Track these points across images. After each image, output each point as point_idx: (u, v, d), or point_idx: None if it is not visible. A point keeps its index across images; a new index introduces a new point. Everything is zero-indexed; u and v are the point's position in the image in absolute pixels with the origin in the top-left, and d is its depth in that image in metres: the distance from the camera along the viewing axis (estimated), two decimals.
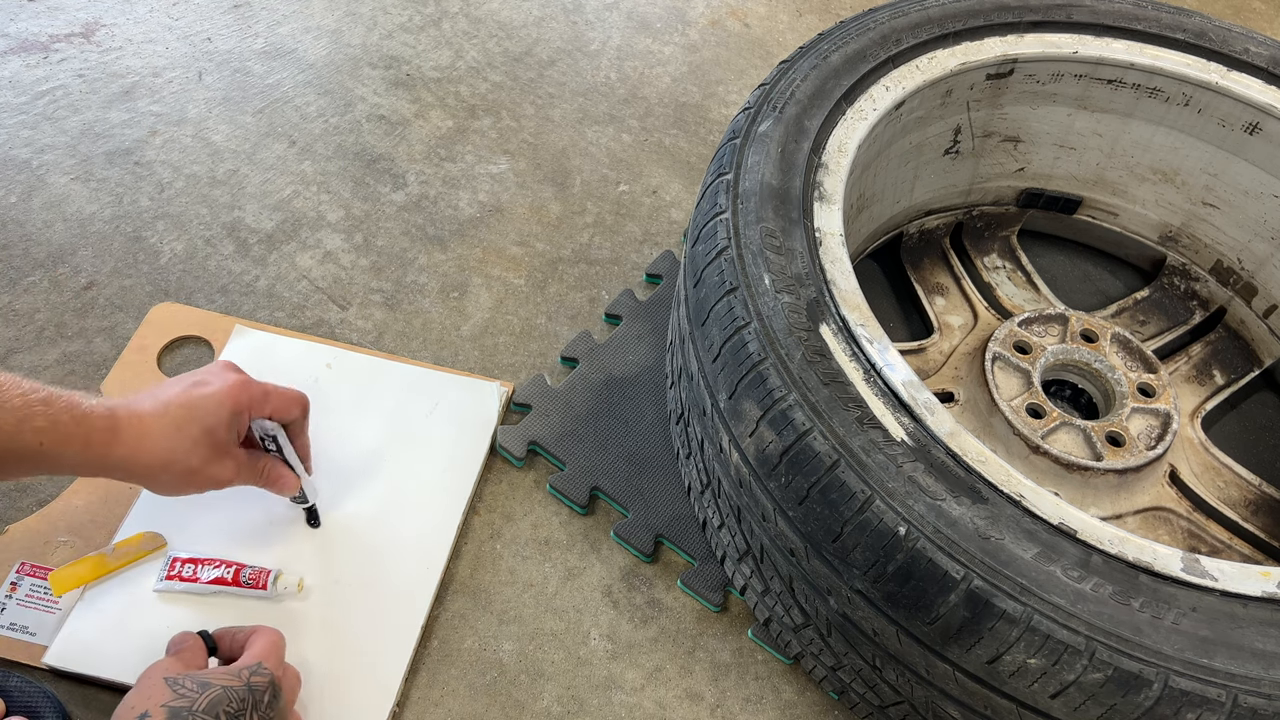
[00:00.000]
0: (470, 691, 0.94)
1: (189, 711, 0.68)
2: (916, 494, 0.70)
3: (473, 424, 1.10)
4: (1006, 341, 1.11)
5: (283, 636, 0.82)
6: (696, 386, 0.87)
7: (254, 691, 0.73)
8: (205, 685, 0.71)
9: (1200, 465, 1.12)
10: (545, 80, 1.56)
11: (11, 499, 1.00)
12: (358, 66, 1.52)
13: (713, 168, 0.94)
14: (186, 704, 0.69)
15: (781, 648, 0.97)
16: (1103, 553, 0.70)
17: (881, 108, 1.00)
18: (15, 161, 1.30)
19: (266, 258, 1.25)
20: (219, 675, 0.73)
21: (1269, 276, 1.20)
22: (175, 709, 0.68)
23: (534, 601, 1.01)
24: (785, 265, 0.83)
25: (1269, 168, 1.14)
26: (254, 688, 0.73)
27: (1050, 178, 1.29)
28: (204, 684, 0.71)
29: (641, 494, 1.05)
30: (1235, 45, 1.12)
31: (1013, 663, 0.67)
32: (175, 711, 0.68)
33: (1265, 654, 0.66)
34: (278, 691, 0.75)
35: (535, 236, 1.33)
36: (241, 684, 0.73)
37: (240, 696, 0.72)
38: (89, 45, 1.46)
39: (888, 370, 0.78)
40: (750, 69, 1.64)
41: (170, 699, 0.69)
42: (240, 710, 0.71)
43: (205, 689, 0.70)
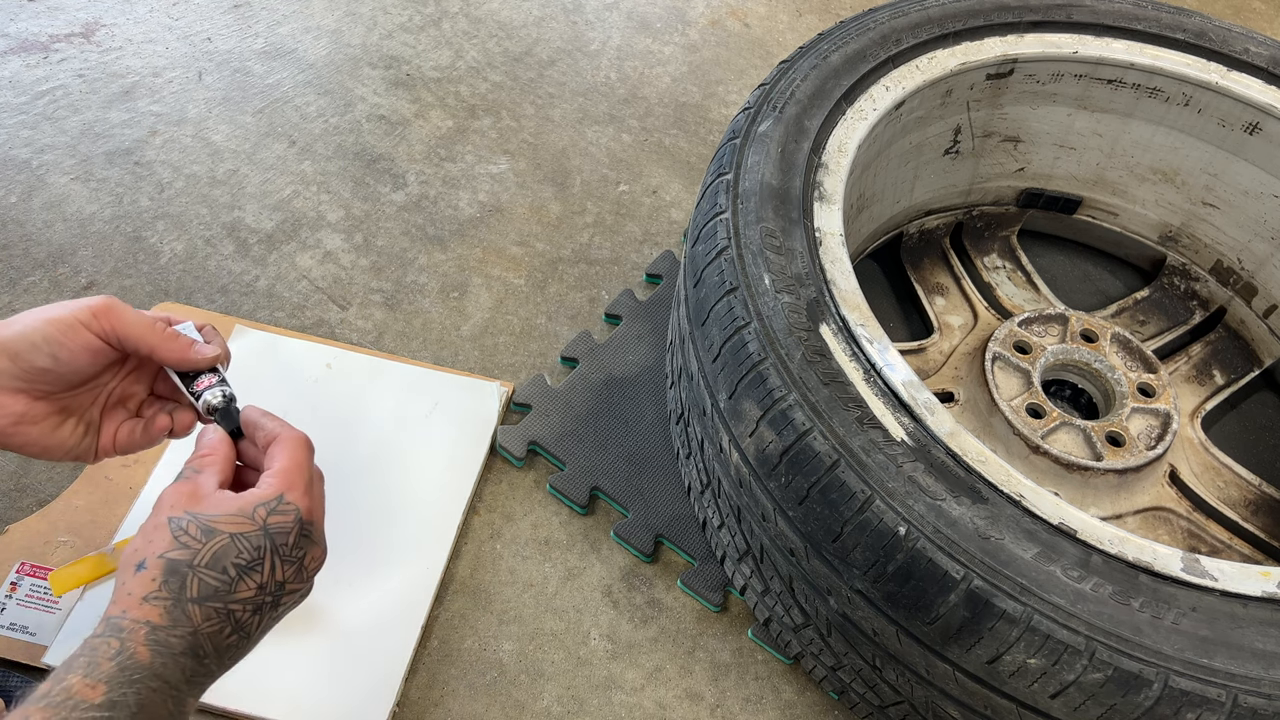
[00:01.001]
0: (470, 691, 0.94)
1: (189, 565, 0.58)
2: (916, 494, 0.70)
3: (473, 424, 1.10)
4: (1006, 341, 1.10)
5: (309, 445, 0.69)
6: (696, 386, 0.87)
7: (273, 537, 0.61)
8: (211, 533, 0.60)
9: (1200, 465, 1.12)
10: (545, 80, 1.56)
11: (11, 499, 1.00)
12: (358, 66, 1.52)
13: (713, 168, 0.94)
14: (188, 556, 0.58)
15: (781, 648, 0.97)
16: (1103, 553, 0.70)
17: (881, 108, 1.00)
18: (15, 161, 1.30)
19: (266, 258, 1.25)
20: (229, 518, 0.60)
21: (1269, 276, 1.20)
22: (174, 561, 0.58)
23: (534, 601, 1.01)
24: (785, 265, 0.83)
25: (1269, 168, 1.14)
26: (273, 531, 0.61)
27: (1050, 178, 1.29)
28: (209, 530, 0.60)
29: (641, 494, 1.05)
30: (1235, 45, 1.12)
31: (1013, 663, 0.67)
32: (173, 565, 0.58)
33: (1265, 654, 0.66)
34: (307, 528, 0.64)
35: (535, 236, 1.33)
36: (256, 529, 0.61)
37: (254, 545, 0.60)
38: (89, 45, 1.46)
39: (888, 370, 0.78)
40: (750, 69, 1.64)
41: (169, 548, 0.59)
42: (255, 561, 0.60)
43: (210, 536, 0.59)
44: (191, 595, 0.58)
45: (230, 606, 0.59)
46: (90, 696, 0.52)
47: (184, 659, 0.57)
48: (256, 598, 0.61)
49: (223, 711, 0.89)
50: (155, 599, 0.57)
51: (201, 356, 0.71)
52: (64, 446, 0.70)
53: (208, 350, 0.71)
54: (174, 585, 0.58)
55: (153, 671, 0.55)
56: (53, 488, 1.01)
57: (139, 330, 0.67)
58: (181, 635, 0.57)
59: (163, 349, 0.69)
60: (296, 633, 0.93)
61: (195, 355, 0.70)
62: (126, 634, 0.55)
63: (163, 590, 0.57)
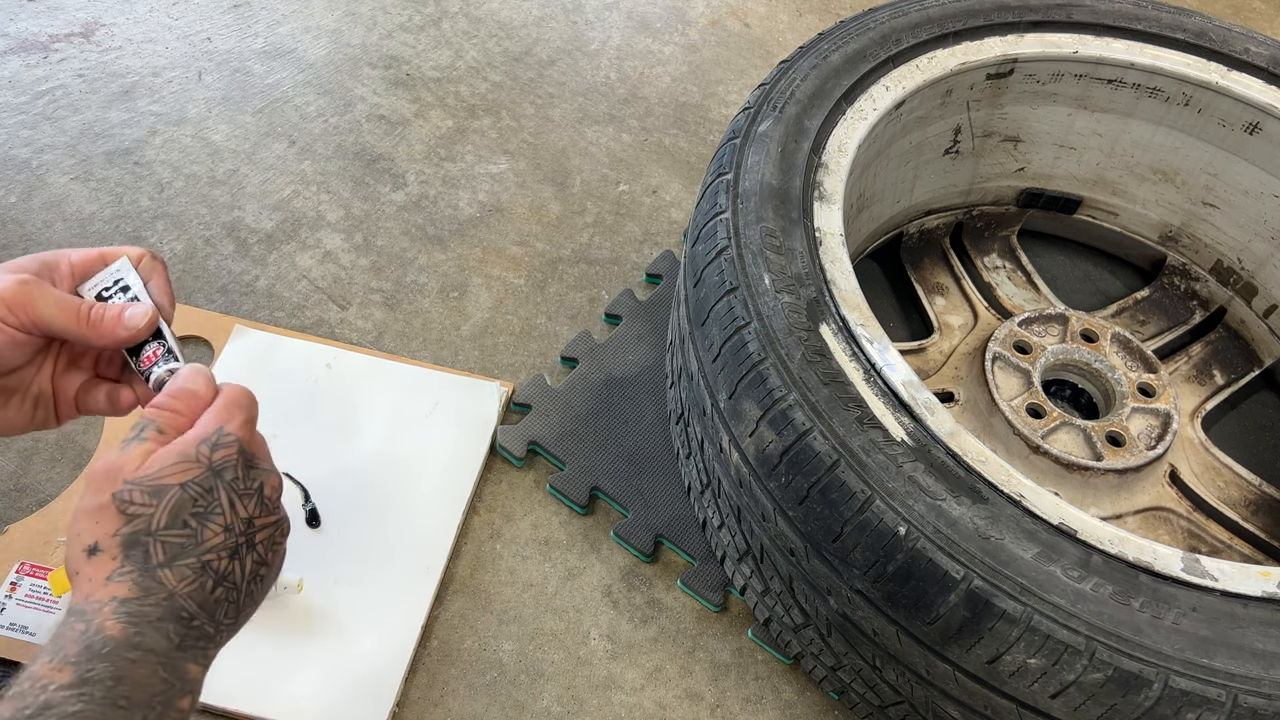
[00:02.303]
0: (470, 691, 0.94)
1: (148, 534, 0.54)
2: (916, 494, 0.70)
3: (473, 424, 1.10)
4: (1006, 341, 1.10)
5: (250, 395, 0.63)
6: (696, 386, 0.87)
7: (221, 473, 0.57)
8: (159, 492, 0.55)
9: (1200, 465, 1.12)
10: (545, 80, 1.56)
11: (11, 499, 1.00)
12: (357, 66, 1.52)
13: (713, 168, 0.94)
14: (143, 525, 0.54)
15: (781, 648, 0.96)
16: (1103, 553, 0.70)
17: (881, 107, 1.00)
18: (15, 161, 1.30)
19: (266, 258, 1.25)
20: (173, 468, 0.56)
21: (1269, 276, 1.20)
22: (131, 535, 0.54)
23: (534, 601, 1.01)
24: (785, 265, 0.83)
25: (1269, 167, 1.14)
26: (220, 467, 0.57)
27: (1050, 178, 1.29)
28: (157, 490, 0.55)
29: (641, 494, 1.05)
30: (1235, 45, 1.12)
31: (1013, 663, 0.67)
32: (131, 539, 0.54)
33: (1265, 654, 0.66)
34: (251, 457, 0.60)
35: (535, 236, 1.33)
36: (203, 470, 0.57)
37: (205, 486, 0.56)
38: (89, 45, 1.46)
39: (888, 370, 0.78)
40: (750, 69, 1.64)
41: (122, 524, 0.55)
42: (210, 506, 0.56)
43: (160, 496, 0.55)
44: (159, 561, 0.54)
45: (204, 559, 0.56)
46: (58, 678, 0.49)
47: (165, 624, 0.53)
48: (227, 541, 0.57)
49: (222, 711, 0.89)
50: (120, 575, 0.54)
51: (134, 329, 0.63)
52: (15, 425, 0.66)
53: (138, 320, 0.63)
54: (137, 557, 0.54)
55: (128, 644, 0.52)
56: (52, 488, 1.01)
57: (61, 321, 0.61)
58: (156, 603, 0.54)
59: (90, 336, 0.63)
60: (296, 633, 0.93)
61: (126, 332, 0.63)
62: (91, 614, 0.52)
63: (126, 565, 0.54)
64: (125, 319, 0.63)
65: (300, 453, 1.04)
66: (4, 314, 0.60)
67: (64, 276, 0.65)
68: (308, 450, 1.05)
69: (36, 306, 0.61)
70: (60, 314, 0.61)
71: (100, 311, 0.63)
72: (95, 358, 0.69)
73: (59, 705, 0.48)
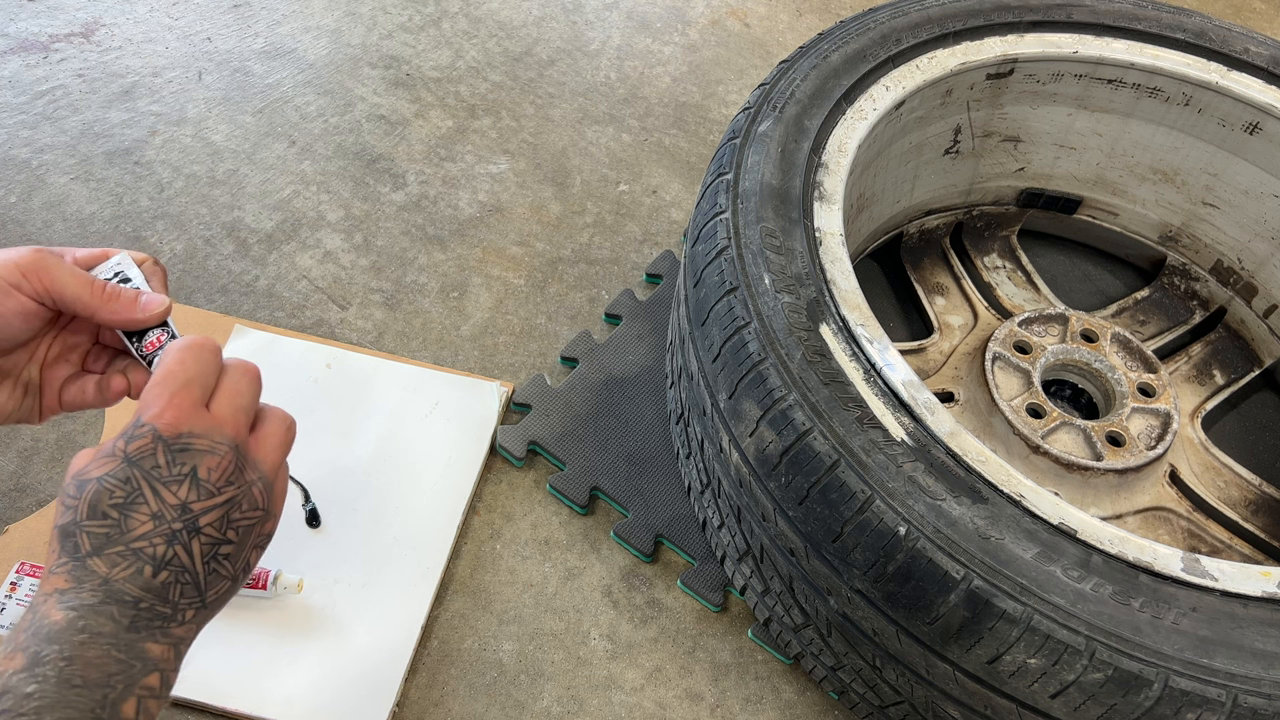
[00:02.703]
0: (470, 691, 0.94)
1: (75, 525, 0.55)
2: (916, 494, 0.70)
3: (473, 424, 1.10)
4: (1006, 341, 1.10)
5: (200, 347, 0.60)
6: (696, 386, 0.87)
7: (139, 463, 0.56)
8: (82, 484, 0.56)
9: (1200, 465, 1.12)
10: (545, 80, 1.56)
11: (11, 499, 1.00)
12: (357, 66, 1.52)
13: (713, 168, 0.94)
14: (72, 516, 0.55)
15: (781, 648, 0.96)
16: (1103, 553, 0.70)
17: (881, 107, 1.00)
18: (15, 161, 1.30)
19: (266, 258, 1.25)
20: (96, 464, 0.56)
21: (1269, 276, 1.20)
22: (63, 527, 0.56)
23: (534, 601, 1.01)
24: (785, 265, 0.83)
25: (1269, 167, 1.14)
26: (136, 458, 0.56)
27: (1050, 178, 1.29)
28: (81, 483, 0.56)
29: (641, 494, 1.05)
30: (1235, 45, 1.12)
31: (1013, 663, 0.67)
32: (64, 530, 0.55)
33: (1265, 654, 0.66)
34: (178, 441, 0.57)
35: (535, 236, 1.33)
36: (118, 462, 0.56)
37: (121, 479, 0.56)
38: (89, 45, 1.46)
39: (888, 370, 0.78)
40: (750, 69, 1.64)
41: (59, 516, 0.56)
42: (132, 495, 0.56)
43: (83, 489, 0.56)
44: (86, 550, 0.55)
45: (133, 546, 0.55)
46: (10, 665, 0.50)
47: (107, 607, 0.54)
48: (157, 528, 0.56)
49: (222, 711, 0.89)
50: (58, 568, 0.55)
51: (149, 314, 0.63)
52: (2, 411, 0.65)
53: (155, 305, 0.63)
54: (69, 548, 0.55)
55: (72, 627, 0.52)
56: (52, 487, 1.01)
57: (75, 290, 0.61)
58: (93, 589, 0.54)
59: (104, 311, 0.62)
60: (296, 633, 0.93)
61: (142, 314, 0.63)
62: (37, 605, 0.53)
63: (61, 556, 0.55)
64: (142, 303, 0.63)
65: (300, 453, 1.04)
66: (19, 280, 0.59)
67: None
68: (308, 450, 1.05)
69: (53, 274, 0.60)
70: (75, 284, 0.60)
71: (116, 289, 0.62)
72: (85, 352, 0.68)
73: (15, 688, 0.49)
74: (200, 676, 0.89)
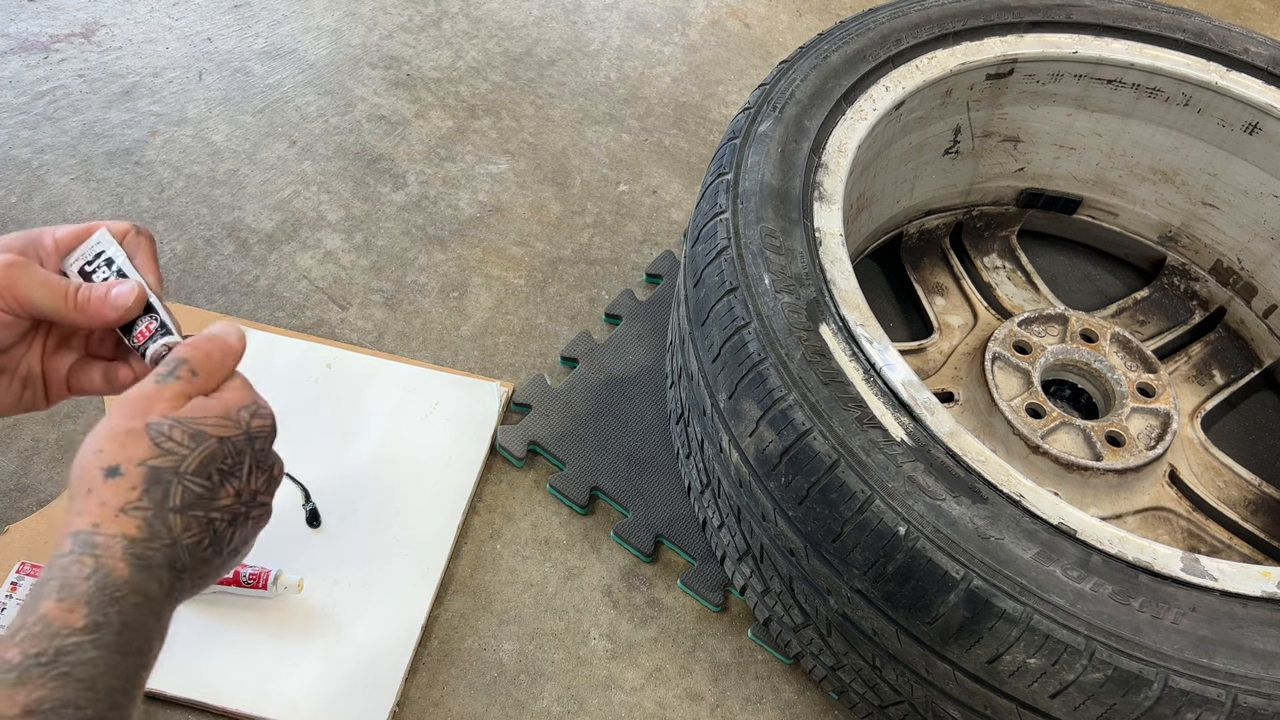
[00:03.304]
0: (470, 691, 0.94)
1: (174, 473, 0.54)
2: (916, 494, 0.71)
3: (473, 424, 1.10)
4: (1006, 341, 1.11)
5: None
6: (696, 386, 0.87)
7: (254, 441, 0.58)
8: (199, 437, 0.55)
9: (1200, 465, 1.12)
10: (545, 80, 1.56)
11: (11, 499, 1.00)
12: (358, 66, 1.52)
13: (713, 168, 0.94)
14: (173, 463, 0.54)
15: (781, 648, 0.97)
16: (1102, 552, 0.70)
17: (881, 108, 1.00)
18: (15, 161, 1.30)
19: (266, 258, 1.25)
20: (216, 421, 0.56)
21: (1269, 276, 1.20)
22: (157, 469, 0.54)
23: (534, 601, 1.01)
24: (785, 265, 0.83)
25: (1269, 168, 1.14)
26: (255, 435, 0.58)
27: (1050, 178, 1.29)
28: (198, 435, 0.55)
29: (641, 494, 1.05)
30: (1235, 45, 1.12)
31: (1012, 662, 0.67)
32: (156, 473, 0.53)
33: (1265, 654, 0.66)
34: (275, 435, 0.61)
35: (535, 236, 1.34)
36: (240, 433, 0.57)
37: (237, 449, 0.57)
38: (89, 45, 1.46)
39: (888, 370, 0.78)
40: (750, 69, 1.64)
41: (151, 455, 0.54)
42: (234, 467, 0.57)
43: (199, 442, 0.55)
44: (174, 504, 0.54)
45: (211, 515, 0.55)
46: (71, 621, 0.49)
47: (162, 572, 0.53)
48: (234, 505, 0.57)
49: (222, 711, 0.89)
50: (134, 509, 0.53)
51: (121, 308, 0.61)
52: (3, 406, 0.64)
53: (125, 298, 0.61)
54: (156, 494, 0.53)
55: (135, 588, 0.51)
56: (53, 487, 1.01)
57: (48, 302, 0.59)
58: (160, 547, 0.53)
59: (78, 319, 0.61)
60: (296, 632, 0.93)
61: (113, 312, 0.61)
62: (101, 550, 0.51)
63: (144, 500, 0.53)
64: (112, 298, 0.61)
65: (300, 453, 1.04)
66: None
67: (49, 253, 0.63)
68: (308, 450, 1.05)
69: (23, 289, 0.59)
70: (48, 296, 0.59)
71: (87, 293, 0.60)
72: (86, 337, 0.67)
73: (75, 652, 0.48)
74: (201, 676, 0.89)
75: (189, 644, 0.91)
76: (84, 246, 0.64)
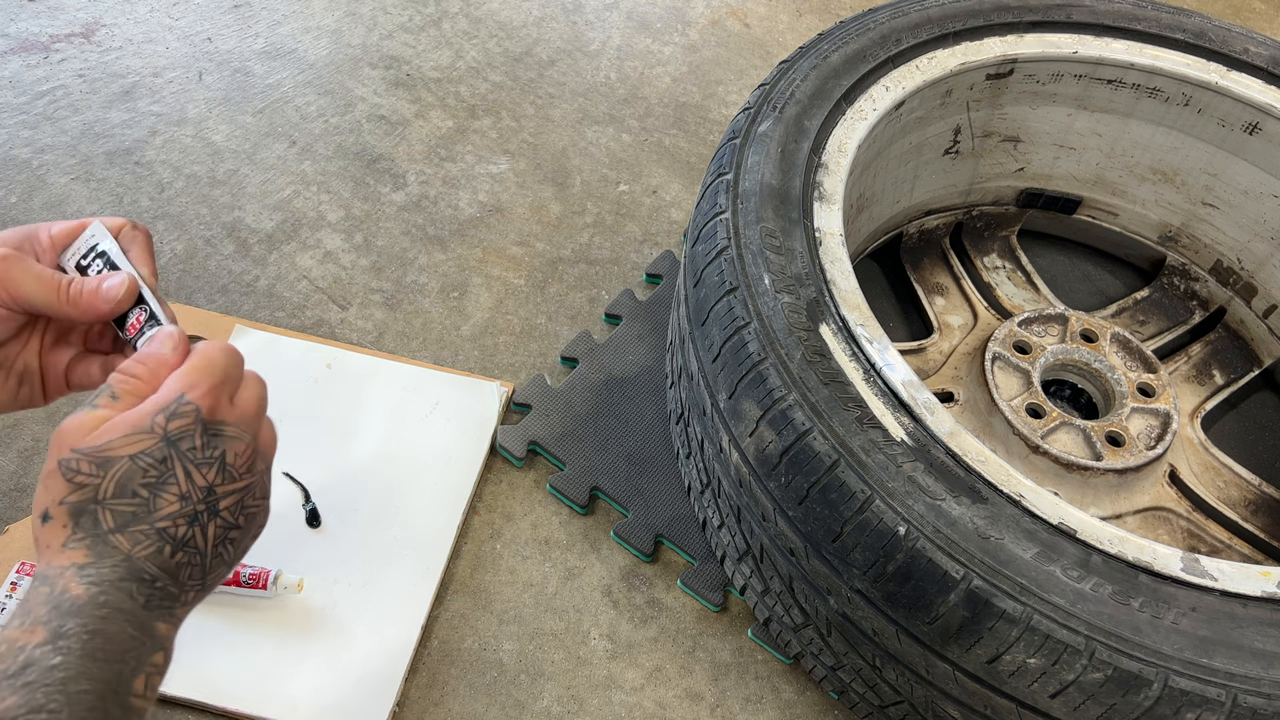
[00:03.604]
0: (470, 691, 0.94)
1: (95, 502, 0.53)
2: (916, 494, 0.71)
3: (473, 424, 1.10)
4: (1006, 341, 1.11)
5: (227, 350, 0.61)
6: (696, 386, 0.87)
7: (176, 443, 0.55)
8: (106, 463, 0.54)
9: (1200, 465, 1.12)
10: (545, 80, 1.56)
11: (11, 499, 1.00)
12: (358, 66, 1.52)
13: (713, 168, 0.94)
14: (89, 495, 0.54)
15: (781, 647, 0.97)
16: (1102, 552, 0.70)
17: (881, 108, 1.00)
18: (15, 161, 1.30)
19: (266, 258, 1.25)
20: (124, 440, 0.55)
21: (1269, 276, 1.20)
22: (78, 504, 0.53)
23: (534, 601, 1.01)
24: (785, 265, 0.83)
25: (1269, 168, 1.14)
26: (175, 437, 0.55)
27: (1050, 178, 1.29)
28: (104, 461, 0.54)
29: (641, 494, 1.05)
30: (1235, 45, 1.12)
31: (1012, 662, 0.67)
32: (78, 508, 0.53)
33: (1265, 654, 0.66)
34: (215, 425, 0.57)
35: (535, 236, 1.34)
36: (156, 440, 0.55)
37: (158, 458, 0.55)
38: (89, 45, 1.46)
39: (887, 370, 0.78)
40: (750, 69, 1.64)
41: (68, 492, 0.54)
42: (164, 475, 0.55)
43: (107, 467, 0.54)
44: (109, 528, 0.54)
45: (158, 525, 0.55)
46: (33, 639, 0.49)
47: (127, 584, 0.53)
48: (183, 509, 0.56)
49: (222, 711, 0.89)
50: (74, 542, 0.53)
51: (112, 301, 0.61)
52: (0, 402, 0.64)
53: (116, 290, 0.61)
54: (87, 524, 0.54)
55: (94, 602, 0.52)
56: None
57: (42, 296, 0.60)
58: (114, 564, 0.53)
59: (71, 312, 0.61)
60: (297, 633, 0.93)
61: (105, 305, 0.61)
62: (55, 579, 0.52)
63: (77, 532, 0.54)
64: (103, 291, 0.61)
65: (300, 453, 1.05)
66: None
67: (45, 249, 0.63)
68: (308, 450, 1.05)
69: (18, 283, 0.60)
70: (41, 290, 0.60)
71: (79, 286, 0.61)
72: (86, 332, 0.68)
73: (39, 661, 0.48)
74: (201, 676, 0.89)
75: (189, 644, 0.91)
76: (79, 241, 0.64)
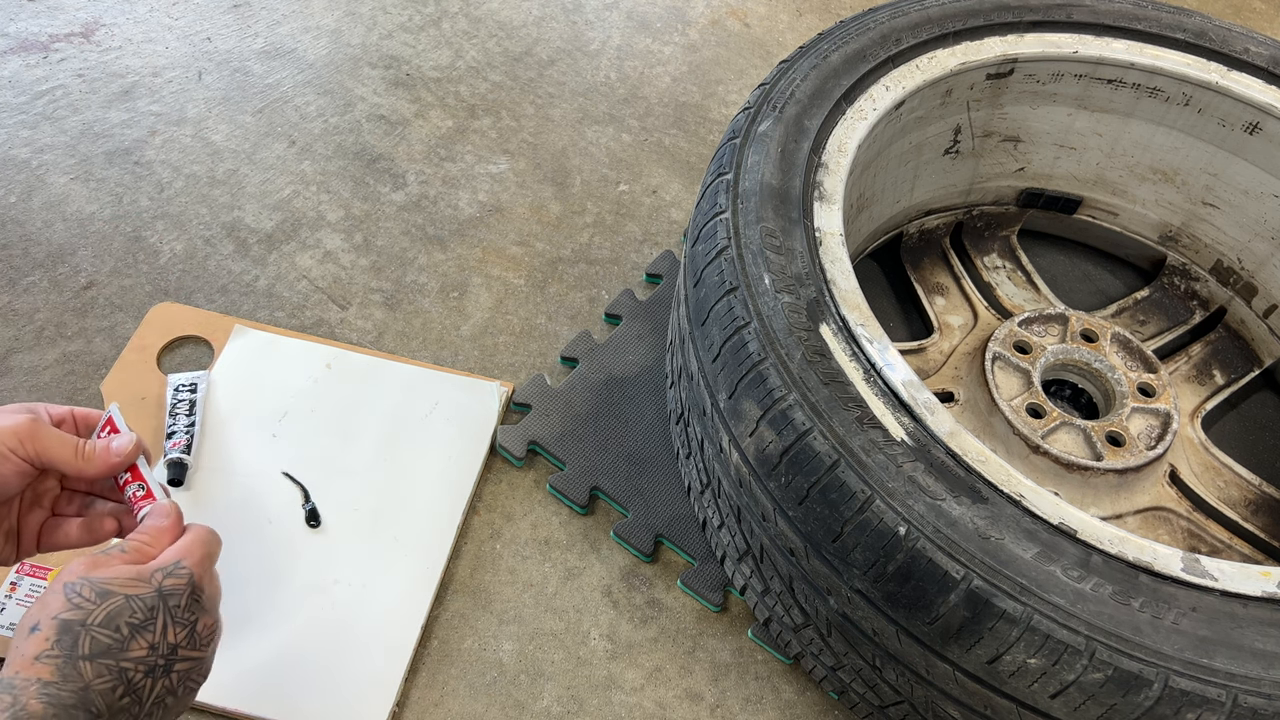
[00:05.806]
0: (470, 691, 0.94)
1: (82, 625, 0.60)
2: (916, 494, 0.70)
3: (473, 424, 1.10)
4: (1006, 341, 1.10)
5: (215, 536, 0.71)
6: (696, 386, 0.87)
7: (166, 597, 0.64)
8: (105, 594, 0.62)
9: (1200, 465, 1.12)
10: (545, 80, 1.56)
11: None
12: (357, 66, 1.52)
13: (713, 167, 0.94)
14: (80, 616, 0.61)
15: (781, 648, 0.97)
16: (1103, 552, 0.70)
17: (881, 107, 1.00)
18: (15, 161, 1.30)
19: (266, 257, 1.25)
20: (125, 581, 0.63)
21: (1269, 276, 1.20)
22: (67, 621, 0.60)
23: (534, 601, 1.01)
24: (785, 265, 0.83)
25: (1269, 167, 1.14)
26: (166, 592, 0.64)
27: (1050, 178, 1.29)
28: (104, 593, 0.62)
29: (641, 494, 1.05)
30: (1235, 45, 1.12)
31: (1013, 663, 0.67)
32: (66, 624, 0.60)
33: (1265, 654, 0.66)
34: (198, 592, 0.66)
35: (535, 236, 1.33)
36: (151, 590, 0.64)
37: (148, 605, 0.63)
38: (89, 45, 1.46)
39: (888, 370, 0.78)
40: (750, 69, 1.64)
41: (63, 610, 0.61)
42: (147, 620, 0.63)
43: (105, 599, 0.62)
44: (83, 652, 0.60)
45: (122, 664, 0.61)
46: None
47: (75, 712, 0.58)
48: (149, 658, 0.63)
49: (222, 711, 0.89)
50: (47, 657, 0.59)
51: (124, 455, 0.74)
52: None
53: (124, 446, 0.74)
54: (66, 643, 0.60)
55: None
56: None
57: (62, 456, 0.71)
58: (72, 690, 0.59)
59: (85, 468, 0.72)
60: (297, 632, 0.93)
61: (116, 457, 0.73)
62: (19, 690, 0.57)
63: (55, 649, 0.59)
64: (113, 448, 0.73)
65: (300, 453, 1.05)
66: (17, 446, 0.69)
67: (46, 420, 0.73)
68: (308, 450, 1.05)
69: (43, 442, 0.70)
70: (61, 450, 0.71)
71: (92, 446, 0.73)
72: (55, 497, 0.76)
73: None
74: None
75: None
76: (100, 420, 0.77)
